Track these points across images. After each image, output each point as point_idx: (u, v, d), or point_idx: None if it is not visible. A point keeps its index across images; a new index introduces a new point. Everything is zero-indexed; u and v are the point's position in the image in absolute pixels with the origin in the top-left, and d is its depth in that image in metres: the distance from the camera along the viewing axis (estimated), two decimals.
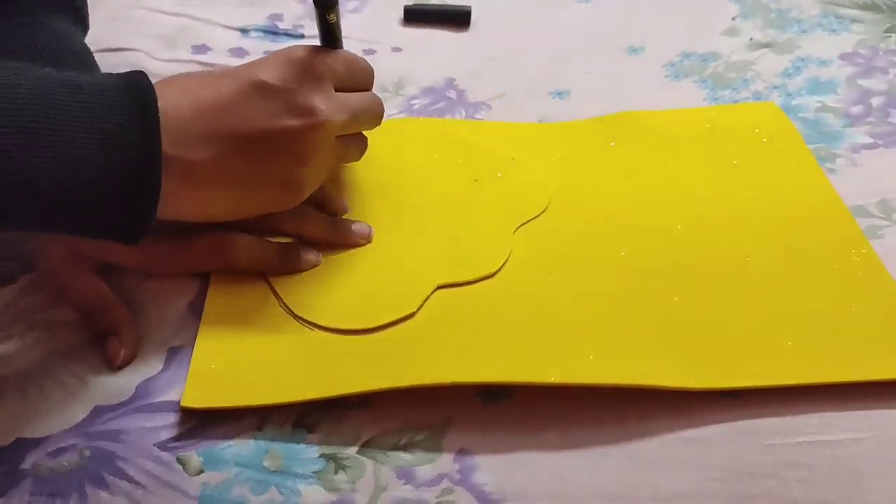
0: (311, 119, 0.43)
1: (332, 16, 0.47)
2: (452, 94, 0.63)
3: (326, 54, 0.46)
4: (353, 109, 0.46)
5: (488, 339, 0.44)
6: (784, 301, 0.46)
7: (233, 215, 0.45)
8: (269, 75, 0.43)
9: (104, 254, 0.46)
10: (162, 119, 0.39)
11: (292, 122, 0.43)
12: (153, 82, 0.40)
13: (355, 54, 0.49)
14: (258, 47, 0.69)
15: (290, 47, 0.45)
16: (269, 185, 0.44)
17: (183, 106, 0.41)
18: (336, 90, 0.46)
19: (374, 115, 0.49)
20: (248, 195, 0.44)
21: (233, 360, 0.43)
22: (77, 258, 0.46)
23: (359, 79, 0.48)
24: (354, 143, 0.49)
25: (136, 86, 0.39)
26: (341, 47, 0.49)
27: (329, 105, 0.44)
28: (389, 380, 0.41)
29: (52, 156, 0.36)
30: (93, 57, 0.52)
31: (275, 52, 0.45)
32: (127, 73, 0.40)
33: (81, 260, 0.46)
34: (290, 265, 0.47)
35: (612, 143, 0.57)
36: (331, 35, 0.48)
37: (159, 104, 0.39)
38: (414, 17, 0.72)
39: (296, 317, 0.45)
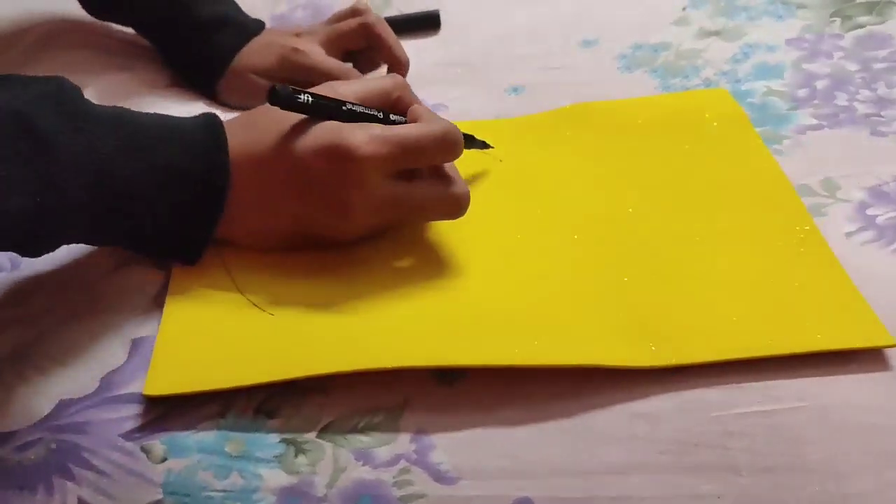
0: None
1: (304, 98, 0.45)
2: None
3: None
4: None
5: (447, 323, 0.45)
6: (731, 278, 0.47)
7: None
8: None
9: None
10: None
11: None
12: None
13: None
14: None
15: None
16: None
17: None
18: None
19: None
20: None
21: (195, 346, 0.44)
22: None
23: None
24: None
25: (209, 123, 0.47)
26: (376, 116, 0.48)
27: None
28: (349, 363, 0.42)
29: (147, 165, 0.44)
30: None
31: None
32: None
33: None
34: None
35: (567, 134, 0.58)
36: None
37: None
38: None
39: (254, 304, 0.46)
